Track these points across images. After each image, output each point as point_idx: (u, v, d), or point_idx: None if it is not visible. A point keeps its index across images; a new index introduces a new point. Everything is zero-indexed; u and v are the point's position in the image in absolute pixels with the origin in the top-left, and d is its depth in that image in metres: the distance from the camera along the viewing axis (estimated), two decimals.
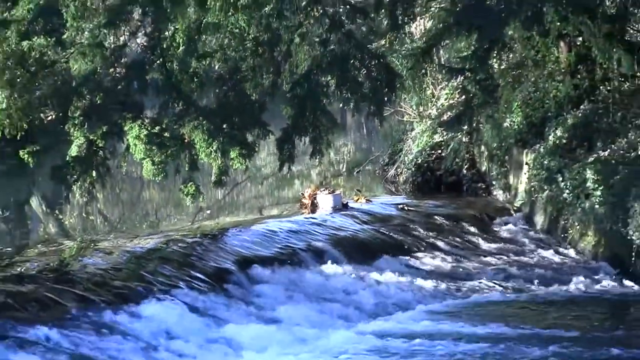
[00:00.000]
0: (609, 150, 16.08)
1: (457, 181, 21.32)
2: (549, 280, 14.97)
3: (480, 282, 14.93)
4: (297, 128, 15.34)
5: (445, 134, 20.84)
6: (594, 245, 15.86)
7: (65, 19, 14.26)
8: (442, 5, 15.91)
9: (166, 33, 14.96)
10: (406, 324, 12.86)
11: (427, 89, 19.52)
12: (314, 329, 12.60)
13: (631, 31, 18.02)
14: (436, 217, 18.37)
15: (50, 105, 14.88)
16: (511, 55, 18.85)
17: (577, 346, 11.48)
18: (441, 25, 15.97)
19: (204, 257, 14.45)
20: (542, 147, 17.95)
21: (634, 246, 14.67)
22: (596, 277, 14.91)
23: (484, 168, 21.19)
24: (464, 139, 20.86)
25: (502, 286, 14.79)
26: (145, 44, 15.31)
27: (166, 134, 14.96)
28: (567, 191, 16.47)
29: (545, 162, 17.42)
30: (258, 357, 11.57)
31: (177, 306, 12.74)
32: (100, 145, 14.77)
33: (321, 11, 15.59)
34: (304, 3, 15.36)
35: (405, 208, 18.81)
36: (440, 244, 16.98)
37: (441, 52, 16.88)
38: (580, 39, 17.56)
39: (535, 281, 15.04)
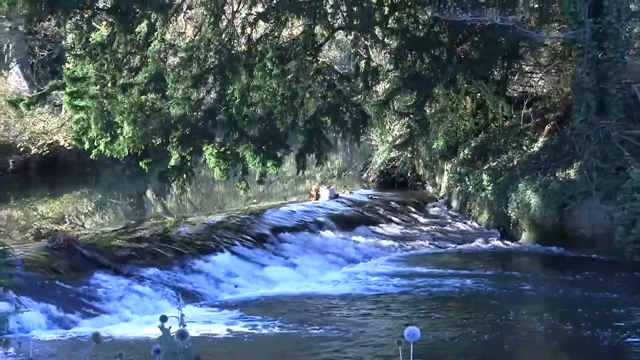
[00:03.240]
0: (496, 162, 16.11)
1: (404, 181, 21.19)
2: (460, 241, 14.95)
3: (418, 242, 14.89)
4: (308, 148, 15.26)
5: (397, 152, 20.75)
6: (487, 219, 15.92)
7: (167, 82, 14.27)
8: (395, 74, 15.89)
9: (228, 91, 14.93)
10: (373, 267, 13.00)
11: (386, 125, 19.49)
12: (318, 270, 12.75)
13: (510, 90, 18.10)
14: (391, 202, 18.26)
15: (158, 135, 14.85)
16: (437, 104, 18.86)
17: (477, 279, 11.64)
18: (395, 86, 15.95)
19: (251, 226, 14.45)
20: (456, 160, 17.98)
21: (511, 220, 14.80)
22: (489, 239, 14.89)
23: (420, 173, 21.12)
24: (408, 155, 20.80)
25: (432, 244, 14.77)
26: (215, 97, 15.25)
27: (228, 152, 14.88)
28: (471, 187, 16.56)
29: (458, 169, 17.50)
30: (283, 287, 11.73)
31: (234, 256, 12.84)
32: (189, 159, 14.72)
33: (322, 78, 15.63)
34: (311, 73, 15.39)
35: (373, 197, 18.76)
36: (394, 218, 16.88)
37: (395, 102, 16.86)
38: (479, 94, 17.60)
39: (452, 241, 15.10)
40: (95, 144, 14.68)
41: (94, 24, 14.25)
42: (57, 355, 8.40)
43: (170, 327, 3.29)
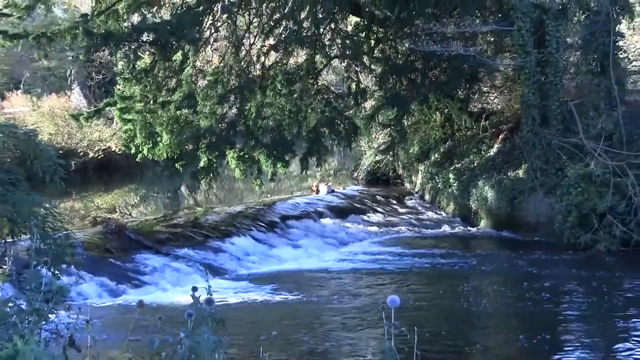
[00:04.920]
0: (460, 164, 16.06)
1: (387, 179, 20.96)
2: (431, 227, 14.90)
3: (398, 228, 14.83)
4: (310, 153, 15.24)
5: (381, 156, 20.59)
6: (453, 210, 15.86)
7: (198, 100, 14.26)
8: (380, 94, 15.90)
9: (246, 107, 14.92)
10: (362, 247, 12.98)
11: (372, 134, 19.40)
12: (317, 250, 12.71)
13: (471, 106, 18.02)
14: (377, 196, 18.08)
15: (190, 142, 14.77)
16: (413, 118, 18.72)
17: (444, 257, 11.63)
18: (379, 103, 15.96)
19: (264, 215, 14.36)
20: (428, 162, 17.86)
21: (472, 210, 14.80)
22: (454, 225, 14.82)
23: (400, 172, 20.96)
24: (390, 158, 20.60)
25: (409, 229, 14.73)
26: (236, 112, 15.18)
27: (246, 156, 14.86)
28: (440, 184, 16.48)
29: (430, 169, 17.41)
30: (290, 264, 11.69)
31: (251, 239, 12.79)
32: (215, 161, 14.66)
33: (321, 97, 15.62)
34: (313, 93, 15.39)
35: (362, 192, 18.53)
36: (378, 209, 16.71)
37: (379, 116, 16.84)
38: (446, 110, 17.51)
39: (425, 227, 15.04)
40: (140, 149, 14.68)
41: (139, 53, 14.25)
42: (109, 318, 8.40)
43: (200, 296, 3.30)
